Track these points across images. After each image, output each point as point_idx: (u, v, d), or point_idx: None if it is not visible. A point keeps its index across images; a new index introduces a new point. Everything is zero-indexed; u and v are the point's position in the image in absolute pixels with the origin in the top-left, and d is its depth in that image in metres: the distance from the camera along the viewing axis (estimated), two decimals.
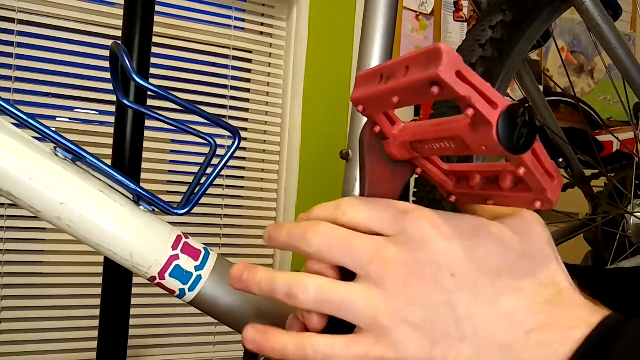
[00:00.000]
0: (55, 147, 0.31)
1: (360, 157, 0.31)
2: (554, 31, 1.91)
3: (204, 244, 0.36)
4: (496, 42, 0.56)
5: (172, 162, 1.57)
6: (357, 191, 0.43)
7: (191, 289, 0.33)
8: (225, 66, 1.60)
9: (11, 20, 1.35)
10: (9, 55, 1.35)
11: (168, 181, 1.55)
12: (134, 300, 0.63)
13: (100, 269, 0.62)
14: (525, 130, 0.24)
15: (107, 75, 1.43)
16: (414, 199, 0.57)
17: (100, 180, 0.33)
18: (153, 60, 0.87)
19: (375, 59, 0.46)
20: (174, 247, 0.33)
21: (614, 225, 0.81)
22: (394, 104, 0.26)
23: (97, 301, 0.61)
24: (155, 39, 0.63)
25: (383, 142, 0.32)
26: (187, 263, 0.33)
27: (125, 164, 0.60)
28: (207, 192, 0.35)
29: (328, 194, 1.58)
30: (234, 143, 0.34)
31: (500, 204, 0.28)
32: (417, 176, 0.57)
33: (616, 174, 0.87)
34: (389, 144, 0.32)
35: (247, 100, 1.66)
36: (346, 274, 0.26)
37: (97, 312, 0.62)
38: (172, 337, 1.55)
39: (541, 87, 1.69)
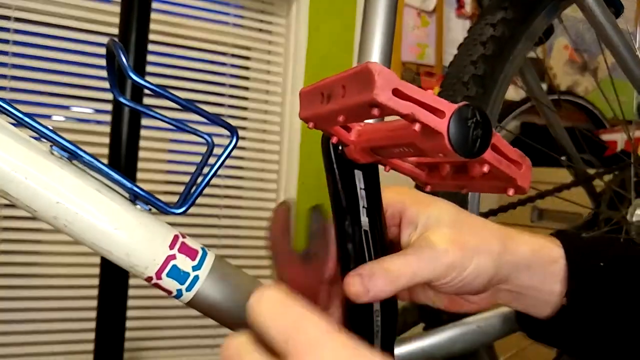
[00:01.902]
0: (51, 146, 0.31)
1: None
2: (558, 28, 1.91)
3: (203, 244, 0.35)
4: (497, 40, 0.55)
5: (170, 161, 1.56)
6: None
7: (188, 289, 0.33)
8: (224, 64, 1.59)
9: (7, 18, 1.34)
10: (5, 53, 1.34)
11: (166, 181, 1.55)
12: (131, 302, 0.63)
13: (97, 270, 0.61)
14: (479, 132, 0.23)
15: (104, 73, 1.43)
16: None
17: (97, 179, 0.32)
18: (150, 58, 0.86)
19: (375, 57, 0.46)
20: (171, 247, 0.33)
21: (617, 228, 0.80)
22: (342, 122, 0.26)
23: (94, 302, 0.61)
24: (152, 37, 0.62)
25: (345, 150, 0.32)
26: (184, 263, 0.33)
27: (121, 162, 0.60)
28: (206, 192, 0.35)
29: (328, 194, 1.58)
30: (231, 141, 0.33)
31: (475, 191, 0.28)
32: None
33: (616, 175, 0.86)
34: (350, 150, 0.31)
35: (245, 98, 1.65)
36: None
37: (94, 313, 0.62)
38: (170, 340, 1.54)
39: (544, 85, 1.68)
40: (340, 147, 0.33)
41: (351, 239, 0.34)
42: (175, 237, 0.33)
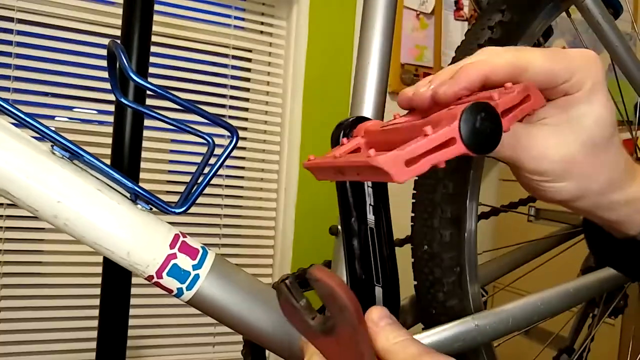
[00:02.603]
0: (52, 146, 0.31)
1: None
2: (557, 29, 1.91)
3: (204, 243, 0.35)
4: (495, 42, 0.56)
5: (171, 162, 1.57)
6: None
7: (189, 288, 0.33)
8: (225, 65, 1.60)
9: (10, 19, 1.35)
10: (8, 54, 1.35)
11: (168, 181, 1.55)
12: (133, 301, 0.63)
13: (99, 269, 0.62)
14: (489, 125, 0.24)
15: (107, 74, 1.43)
16: (413, 200, 0.57)
17: (98, 179, 0.32)
18: (152, 59, 0.87)
19: (374, 59, 0.46)
20: (172, 246, 0.33)
21: None
22: (340, 174, 0.28)
23: (96, 301, 0.61)
24: (154, 38, 0.63)
25: (354, 132, 0.33)
26: (184, 262, 0.33)
27: (124, 163, 0.60)
28: (207, 192, 0.35)
29: (328, 194, 1.58)
30: (231, 142, 0.34)
31: None
32: (416, 177, 0.57)
33: None
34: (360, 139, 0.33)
35: (246, 99, 1.65)
36: None
37: (96, 312, 0.62)
38: (171, 338, 1.55)
39: None
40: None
41: (357, 235, 0.35)
42: (176, 237, 0.33)
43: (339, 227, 0.42)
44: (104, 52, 1.42)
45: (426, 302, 0.55)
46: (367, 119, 0.34)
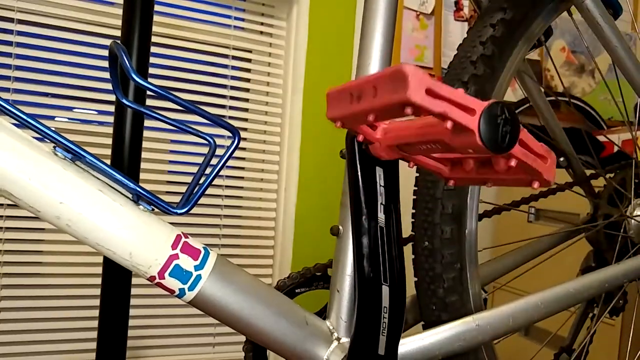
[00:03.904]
0: (54, 147, 0.31)
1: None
2: (557, 30, 1.91)
3: (204, 244, 0.35)
4: (497, 41, 0.56)
5: (171, 162, 1.57)
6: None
7: (191, 288, 0.33)
8: (225, 66, 1.60)
9: (10, 20, 1.35)
10: (8, 55, 1.35)
11: (168, 181, 1.55)
12: (133, 301, 0.63)
13: (99, 270, 0.62)
14: (508, 128, 0.24)
15: (107, 75, 1.43)
16: (414, 197, 0.57)
17: (100, 179, 0.32)
18: (152, 60, 0.87)
19: (374, 58, 0.46)
20: (174, 247, 0.33)
21: (615, 226, 0.80)
22: (371, 121, 0.26)
23: (97, 301, 0.61)
24: (154, 39, 0.63)
25: (369, 147, 0.33)
26: (186, 262, 0.33)
27: (124, 163, 0.60)
28: (207, 192, 0.35)
29: (328, 194, 1.59)
30: (233, 142, 0.34)
31: (499, 185, 0.28)
32: (417, 174, 0.57)
33: (616, 174, 0.87)
34: (375, 147, 0.32)
35: (246, 100, 1.65)
36: None
37: (96, 312, 0.62)
38: (171, 338, 1.55)
39: (542, 87, 1.68)
40: (363, 145, 0.34)
41: (367, 233, 0.35)
42: (178, 237, 0.33)
43: (340, 227, 0.42)
44: (103, 52, 1.42)
45: (426, 298, 0.55)
46: None
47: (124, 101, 0.38)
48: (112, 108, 0.62)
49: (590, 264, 0.86)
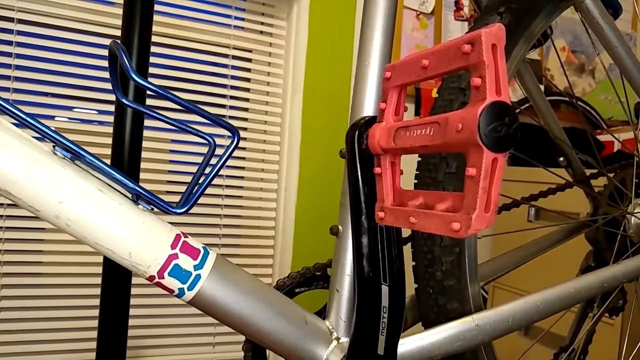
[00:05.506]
0: (54, 146, 0.31)
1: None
2: (557, 30, 1.91)
3: (204, 243, 0.35)
4: None
5: (171, 162, 1.57)
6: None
7: (190, 288, 0.33)
8: (225, 66, 1.60)
9: (10, 19, 1.35)
10: (8, 54, 1.35)
11: (168, 181, 1.55)
12: (133, 301, 0.63)
13: (99, 269, 0.62)
14: (507, 130, 0.23)
15: (107, 74, 1.43)
16: (415, 181, 0.57)
17: (99, 179, 0.32)
18: (152, 59, 0.86)
19: (374, 58, 0.46)
20: (173, 246, 0.33)
21: (615, 225, 0.81)
22: (422, 67, 0.27)
23: (97, 301, 0.61)
24: (154, 39, 0.63)
25: (369, 131, 0.33)
26: (186, 262, 0.33)
27: (124, 163, 0.60)
28: (207, 192, 0.35)
29: (328, 193, 1.59)
30: (232, 142, 0.34)
31: (421, 228, 0.27)
32: (419, 159, 0.57)
33: (616, 174, 0.87)
34: (375, 129, 0.32)
35: (247, 99, 1.65)
36: None
37: (96, 312, 0.62)
38: (171, 338, 1.55)
39: (542, 87, 1.68)
40: (363, 143, 0.34)
41: (367, 233, 0.35)
42: (177, 237, 0.34)
43: (340, 226, 0.42)
44: (104, 52, 1.42)
45: (424, 282, 0.55)
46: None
47: (124, 101, 0.38)
48: (112, 108, 0.62)
49: (590, 264, 0.86)
